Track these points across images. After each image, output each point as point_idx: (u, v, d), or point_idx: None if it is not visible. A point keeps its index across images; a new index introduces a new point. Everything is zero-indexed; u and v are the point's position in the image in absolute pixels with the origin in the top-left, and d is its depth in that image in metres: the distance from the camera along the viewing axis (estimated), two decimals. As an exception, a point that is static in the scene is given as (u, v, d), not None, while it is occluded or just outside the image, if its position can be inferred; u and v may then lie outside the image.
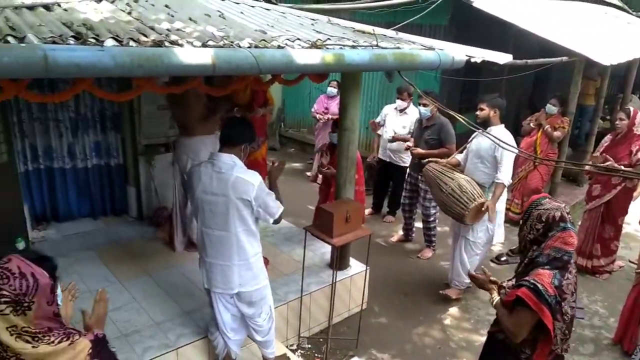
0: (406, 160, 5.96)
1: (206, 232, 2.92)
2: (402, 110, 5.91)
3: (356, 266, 4.43)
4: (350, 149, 3.86)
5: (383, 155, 6.21)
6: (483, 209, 4.00)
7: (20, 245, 4.31)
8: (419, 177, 5.22)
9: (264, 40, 2.62)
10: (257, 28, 2.91)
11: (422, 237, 5.63)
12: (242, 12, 3.34)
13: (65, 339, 1.43)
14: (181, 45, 2.22)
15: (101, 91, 2.70)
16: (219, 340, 3.24)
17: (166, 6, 3.00)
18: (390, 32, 3.57)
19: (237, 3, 3.61)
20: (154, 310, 3.69)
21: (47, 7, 2.47)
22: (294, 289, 4.01)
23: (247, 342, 3.47)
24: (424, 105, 5.03)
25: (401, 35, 3.57)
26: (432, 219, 5.40)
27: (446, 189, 4.04)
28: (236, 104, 4.93)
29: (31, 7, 2.42)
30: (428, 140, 5.14)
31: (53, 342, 1.40)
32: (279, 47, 2.55)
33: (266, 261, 3.37)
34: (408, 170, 5.65)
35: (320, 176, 5.66)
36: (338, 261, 4.05)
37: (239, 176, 2.78)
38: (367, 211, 6.45)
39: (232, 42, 2.46)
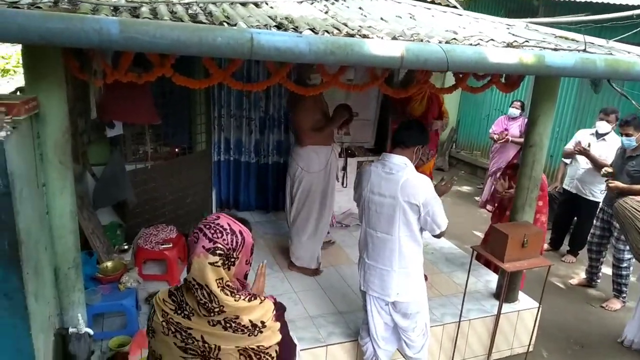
0: (597, 194, 5.21)
1: (369, 234, 2.89)
2: (601, 136, 5.17)
3: (526, 301, 3.96)
4: (535, 168, 3.48)
5: (569, 186, 5.52)
6: None
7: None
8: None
9: (455, 39, 2.51)
10: (448, 29, 2.80)
11: (610, 284, 4.82)
12: (433, 16, 3.27)
13: (253, 298, 1.50)
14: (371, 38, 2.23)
15: (291, 84, 2.85)
16: (369, 347, 3.16)
17: (360, 8, 3.09)
18: (599, 41, 3.14)
19: (429, 9, 3.55)
20: (310, 303, 3.78)
21: (256, 4, 2.72)
22: (451, 312, 3.74)
23: (397, 356, 3.33)
24: (627, 135, 4.39)
25: (613, 44, 3.12)
26: (625, 264, 4.59)
27: None
28: (411, 115, 4.84)
29: (243, 3, 2.68)
30: (631, 173, 4.40)
31: (245, 299, 1.47)
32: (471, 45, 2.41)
33: (425, 277, 3.20)
34: (601, 204, 4.91)
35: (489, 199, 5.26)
36: (505, 291, 3.67)
37: (410, 179, 2.68)
38: (544, 247, 5.79)
39: (421, 39, 2.40)
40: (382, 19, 2.83)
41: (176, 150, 4.70)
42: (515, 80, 3.41)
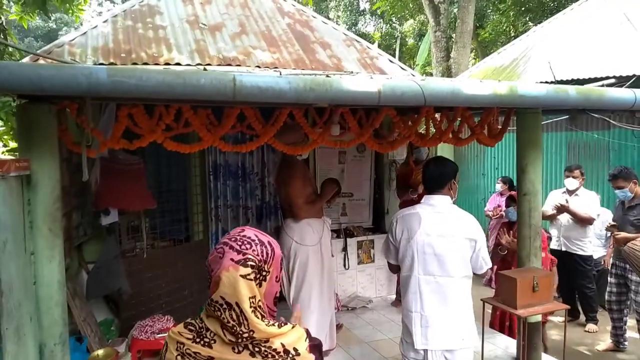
0: (587, 247, 5.17)
1: (426, 281, 2.62)
2: (572, 192, 5.23)
3: (551, 364, 3.66)
4: (533, 216, 3.43)
5: (557, 245, 5.34)
6: None
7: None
8: (628, 266, 4.33)
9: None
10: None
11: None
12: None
13: (284, 324, 1.33)
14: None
15: (280, 144, 2.93)
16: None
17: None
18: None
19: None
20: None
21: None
22: (473, 381, 3.43)
23: None
24: (619, 187, 4.46)
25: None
26: (650, 319, 4.33)
27: None
28: (415, 186, 4.80)
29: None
30: (635, 223, 4.34)
31: (275, 325, 1.30)
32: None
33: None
34: (612, 260, 4.75)
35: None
36: (527, 353, 3.40)
37: (463, 215, 2.65)
38: (558, 320, 5.49)
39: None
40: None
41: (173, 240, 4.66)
42: (498, 133, 3.52)
